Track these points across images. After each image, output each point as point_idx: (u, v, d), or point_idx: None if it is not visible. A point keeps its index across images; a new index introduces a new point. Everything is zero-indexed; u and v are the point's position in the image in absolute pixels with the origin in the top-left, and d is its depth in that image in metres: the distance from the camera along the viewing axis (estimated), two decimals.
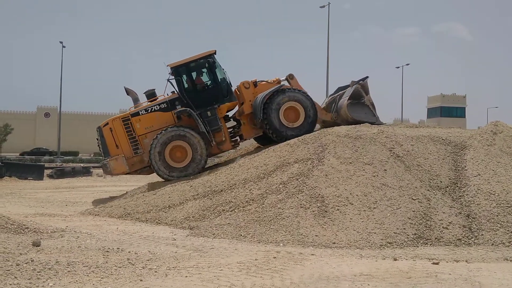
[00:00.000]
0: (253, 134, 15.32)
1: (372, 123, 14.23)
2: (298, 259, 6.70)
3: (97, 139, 14.77)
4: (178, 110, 14.56)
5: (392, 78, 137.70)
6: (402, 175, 9.74)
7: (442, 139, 11.16)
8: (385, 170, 9.90)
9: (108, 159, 14.47)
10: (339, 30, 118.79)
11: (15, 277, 5.28)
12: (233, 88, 15.19)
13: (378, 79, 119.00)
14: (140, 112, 14.82)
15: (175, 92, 14.76)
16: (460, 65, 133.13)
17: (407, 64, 60.82)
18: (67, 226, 9.05)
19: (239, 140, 15.69)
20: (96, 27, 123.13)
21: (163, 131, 14.12)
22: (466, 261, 6.86)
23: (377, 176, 9.69)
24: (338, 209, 8.78)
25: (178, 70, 14.81)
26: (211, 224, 9.16)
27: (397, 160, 10.25)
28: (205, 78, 15.28)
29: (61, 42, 49.63)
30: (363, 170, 9.91)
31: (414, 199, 8.98)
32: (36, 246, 6.85)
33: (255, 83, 15.21)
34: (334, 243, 7.79)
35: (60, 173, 25.43)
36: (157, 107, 14.84)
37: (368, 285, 5.57)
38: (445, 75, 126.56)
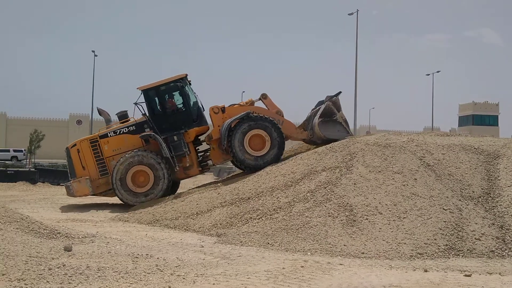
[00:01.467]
0: (222, 159, 15.27)
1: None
2: (326, 268, 6.63)
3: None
4: (142, 134, 14.66)
5: (422, 85, 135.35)
6: (432, 185, 9.57)
7: (474, 148, 10.93)
8: (415, 179, 9.74)
9: (71, 181, 14.68)
10: (367, 37, 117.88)
11: (47, 281, 5.40)
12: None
13: (408, 86, 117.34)
14: (109, 134, 15.03)
15: (144, 115, 14.85)
16: (492, 72, 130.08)
17: (438, 71, 59.67)
18: (97, 232, 9.20)
19: (210, 164, 15.65)
20: (126, 35, 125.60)
21: (121, 158, 14.25)
22: (499, 274, 6.66)
23: (407, 185, 9.55)
24: (367, 219, 8.67)
25: (148, 93, 14.89)
26: (239, 231, 9.17)
27: (428, 169, 10.08)
28: (172, 102, 15.30)
29: (93, 51, 51.10)
30: (393, 179, 9.78)
31: (445, 209, 8.80)
32: (68, 251, 6.99)
33: (223, 109, 15.05)
34: (363, 253, 7.69)
35: None
36: (125, 130, 15.00)
37: None
38: (477, 82, 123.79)
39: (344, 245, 7.97)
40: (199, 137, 15.38)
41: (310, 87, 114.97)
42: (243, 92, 61.70)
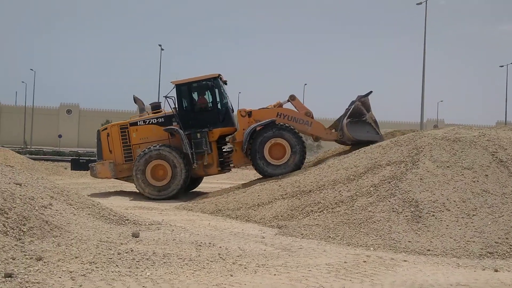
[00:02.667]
0: (243, 162, 15.11)
1: (375, 142, 13.42)
2: (389, 264, 6.49)
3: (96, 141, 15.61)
4: (166, 127, 14.91)
5: (495, 77, 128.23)
6: (505, 181, 9.07)
7: None
8: (487, 175, 9.28)
9: (96, 162, 15.29)
10: (434, 27, 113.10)
11: (117, 265, 5.65)
12: None
13: (479, 78, 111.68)
14: (139, 123, 15.39)
15: (173, 109, 15.05)
16: None
17: None
18: (163, 220, 9.51)
19: (232, 165, 15.59)
20: (188, 28, 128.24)
21: (145, 149, 14.59)
22: None
23: (477, 181, 9.11)
24: (433, 215, 8.37)
25: (180, 88, 15.11)
26: (300, 224, 9.16)
27: (500, 165, 9.56)
28: (204, 100, 15.41)
29: (159, 45, 53.28)
30: (462, 174, 9.37)
31: None
32: (135, 237, 7.28)
33: (249, 112, 14.93)
34: (428, 250, 7.44)
35: None
36: (154, 121, 15.31)
37: None
38: None
39: (409, 241, 7.75)
40: (225, 138, 15.45)
41: (375, 81, 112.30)
42: (239, 93, 61.90)
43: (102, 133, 15.63)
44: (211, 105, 15.28)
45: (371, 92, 15.03)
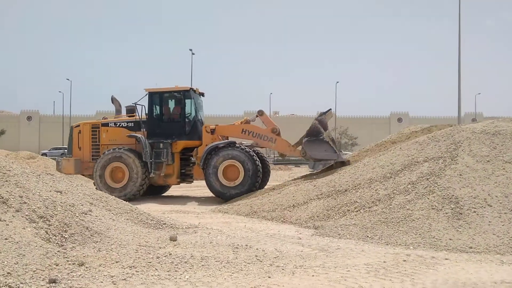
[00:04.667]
0: (203, 176, 15.05)
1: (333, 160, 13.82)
2: (430, 263, 6.34)
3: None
4: (130, 134, 15.32)
5: None
6: None
7: None
8: None
9: (63, 158, 15.88)
10: (470, 16, 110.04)
11: (156, 269, 5.73)
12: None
13: None
14: (110, 124, 15.88)
15: (144, 115, 15.43)
16: None
17: None
18: (199, 223, 9.60)
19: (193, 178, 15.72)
20: (220, 31, 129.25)
21: (105, 151, 15.08)
22: None
23: None
24: (474, 211, 8.14)
25: (152, 96, 15.42)
26: (336, 224, 9.06)
27: None
28: (173, 111, 15.62)
29: (190, 50, 53.75)
30: (503, 169, 9.08)
31: None
32: (173, 241, 7.36)
33: (212, 130, 15.19)
34: (470, 247, 7.23)
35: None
36: (124, 124, 15.76)
37: None
38: None
39: (450, 239, 7.55)
40: (192, 150, 15.58)
41: (410, 74, 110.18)
42: (271, 93, 60.36)
43: (74, 129, 16.32)
44: (179, 117, 15.57)
45: (330, 109, 15.28)
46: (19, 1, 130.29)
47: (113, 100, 17.25)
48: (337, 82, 72.18)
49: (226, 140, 14.97)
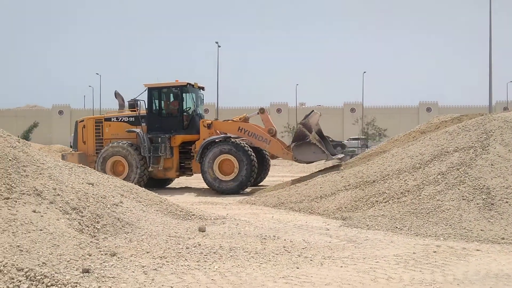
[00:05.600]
0: (200, 170, 15.13)
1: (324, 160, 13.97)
2: (461, 254, 6.24)
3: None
4: (129, 129, 15.62)
5: None
6: None
7: None
8: None
9: (68, 152, 16.22)
10: (500, 2, 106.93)
11: (186, 259, 5.82)
12: None
13: None
14: (112, 119, 16.24)
15: (144, 109, 15.68)
16: None
17: None
18: (227, 214, 9.68)
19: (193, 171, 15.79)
20: (246, 26, 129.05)
21: (105, 146, 15.44)
22: None
23: None
24: (506, 202, 7.97)
25: (151, 92, 15.69)
26: (364, 215, 9.01)
27: None
28: (171, 106, 15.79)
29: (216, 42, 53.57)
30: None
31: None
32: (202, 232, 7.45)
33: (209, 124, 15.33)
34: (503, 238, 7.08)
35: None
36: (126, 119, 16.07)
37: None
38: None
39: (481, 230, 7.41)
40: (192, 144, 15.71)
41: (438, 63, 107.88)
42: (297, 85, 59.47)
43: (79, 124, 16.76)
44: (177, 111, 15.77)
45: (312, 111, 15.38)
46: None
47: (116, 95, 17.73)
48: (364, 72, 71.19)
49: (222, 135, 15.24)
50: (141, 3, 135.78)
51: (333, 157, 15.01)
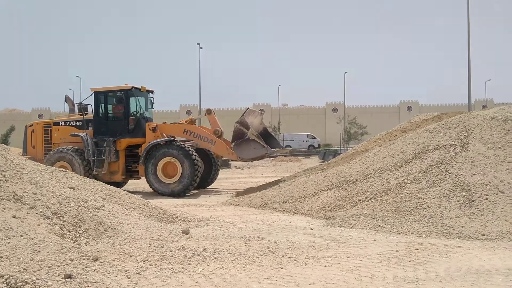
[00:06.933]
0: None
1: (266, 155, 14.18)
2: (443, 251, 6.33)
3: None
4: (73, 133, 15.70)
5: None
6: None
7: None
8: None
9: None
10: (477, 2, 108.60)
11: (169, 262, 5.78)
12: None
13: None
14: (60, 123, 16.29)
15: (91, 114, 15.76)
16: None
17: None
18: (211, 216, 9.65)
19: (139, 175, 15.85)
20: (229, 27, 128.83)
21: (50, 152, 15.41)
22: None
23: None
24: (486, 198, 8.10)
25: (98, 96, 15.74)
26: (347, 214, 9.06)
27: None
28: (117, 110, 15.85)
29: (198, 44, 53.93)
30: None
31: None
32: (186, 234, 7.42)
33: (154, 128, 15.43)
34: (483, 234, 7.20)
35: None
36: (73, 123, 16.15)
37: None
38: None
39: (462, 226, 7.52)
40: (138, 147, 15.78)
41: (418, 62, 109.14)
42: (279, 85, 59.95)
43: (28, 129, 16.74)
44: (122, 115, 15.79)
45: (248, 108, 15.53)
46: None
47: (67, 99, 17.84)
48: (346, 72, 71.81)
49: (166, 138, 15.31)
50: (123, 5, 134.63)
51: (273, 150, 15.27)
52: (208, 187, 16.94)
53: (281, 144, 17.26)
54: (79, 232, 6.48)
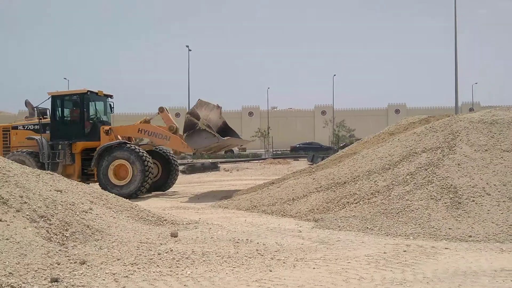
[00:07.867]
0: None
1: (219, 146, 14.68)
2: (430, 253, 6.37)
3: None
4: (29, 136, 15.79)
5: None
6: None
7: None
8: None
9: None
10: (466, 5, 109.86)
11: (158, 265, 5.75)
12: None
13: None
14: (19, 127, 16.45)
15: (48, 117, 15.88)
16: None
17: None
18: (200, 218, 9.62)
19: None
20: (219, 29, 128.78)
21: (6, 156, 15.09)
22: None
23: None
24: (473, 200, 8.18)
25: (55, 99, 15.89)
26: (336, 216, 9.10)
27: None
28: (73, 113, 16.07)
29: (187, 46, 53.94)
30: (501, 157, 9.12)
31: None
32: (174, 237, 7.38)
33: (107, 130, 15.63)
34: (470, 236, 7.27)
35: (191, 169, 27.09)
36: (31, 127, 16.28)
37: (511, 281, 5.11)
38: None
39: (449, 228, 7.59)
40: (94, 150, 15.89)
41: (406, 65, 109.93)
42: (268, 88, 60.04)
43: None
44: (78, 119, 15.96)
45: (199, 100, 15.77)
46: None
47: (27, 103, 17.76)
48: (334, 75, 72.10)
49: (118, 140, 15.42)
50: (112, 7, 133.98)
51: (224, 138, 15.45)
52: (167, 190, 17.16)
53: (241, 137, 17.34)
54: (66, 235, 6.42)
